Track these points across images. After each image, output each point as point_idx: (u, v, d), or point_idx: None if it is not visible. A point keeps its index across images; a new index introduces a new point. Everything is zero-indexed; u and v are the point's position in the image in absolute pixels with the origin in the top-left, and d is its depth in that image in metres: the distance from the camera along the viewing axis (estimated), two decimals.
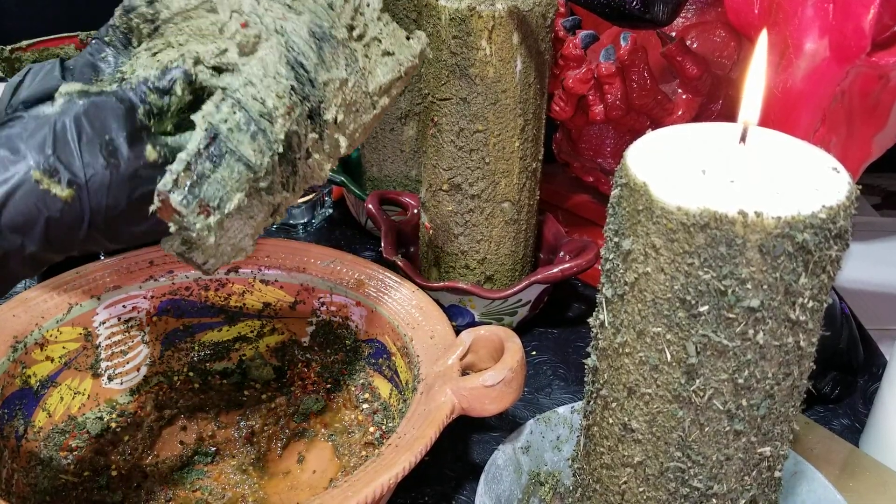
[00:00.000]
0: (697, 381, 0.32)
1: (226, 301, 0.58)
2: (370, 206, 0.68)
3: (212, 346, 0.58)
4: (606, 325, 0.35)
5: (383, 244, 0.64)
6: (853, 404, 0.59)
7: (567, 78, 0.62)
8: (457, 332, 0.50)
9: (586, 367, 0.39)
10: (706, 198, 0.30)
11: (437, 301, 0.56)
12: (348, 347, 0.57)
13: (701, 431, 0.33)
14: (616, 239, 0.34)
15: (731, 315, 0.31)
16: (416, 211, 0.68)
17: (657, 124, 0.64)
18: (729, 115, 0.65)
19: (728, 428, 0.33)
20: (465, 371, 0.48)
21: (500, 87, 0.56)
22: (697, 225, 0.30)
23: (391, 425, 0.52)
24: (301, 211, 0.80)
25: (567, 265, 0.61)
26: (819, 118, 0.51)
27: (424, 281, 0.60)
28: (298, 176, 0.43)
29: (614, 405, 0.36)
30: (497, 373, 0.44)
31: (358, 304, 0.56)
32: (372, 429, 0.53)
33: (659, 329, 0.32)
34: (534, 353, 0.65)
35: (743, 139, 0.34)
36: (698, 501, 0.35)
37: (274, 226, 0.44)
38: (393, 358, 0.54)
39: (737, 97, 0.34)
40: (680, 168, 0.32)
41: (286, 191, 0.42)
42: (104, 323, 0.54)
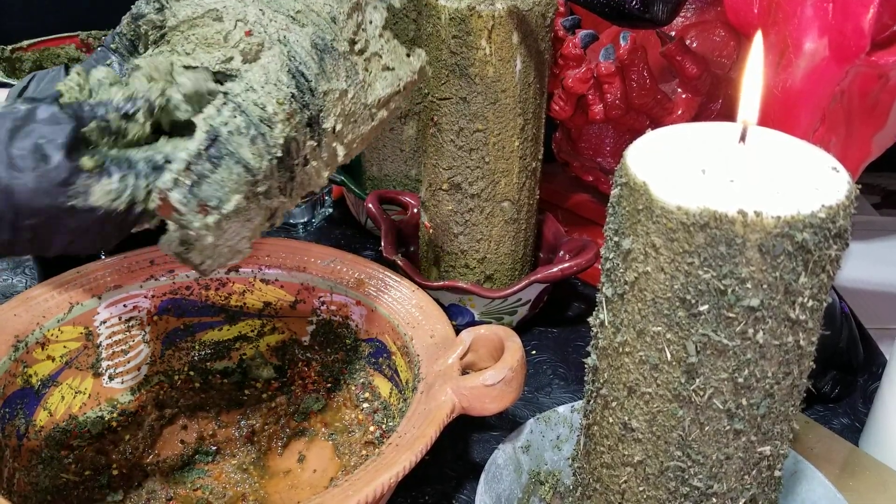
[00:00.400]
0: (697, 381, 0.32)
1: (226, 300, 0.58)
2: (370, 206, 0.68)
3: (212, 346, 0.58)
4: (606, 325, 0.36)
5: (383, 243, 0.64)
6: (853, 403, 0.59)
7: (567, 77, 0.62)
8: (457, 332, 0.50)
9: (586, 367, 0.39)
10: (706, 197, 0.30)
11: (437, 300, 0.56)
12: (348, 347, 0.57)
13: (701, 431, 0.34)
14: (616, 238, 0.34)
15: (731, 314, 0.31)
16: (416, 210, 0.68)
17: (657, 124, 0.64)
18: (728, 115, 0.65)
19: (728, 427, 0.33)
20: (466, 370, 0.48)
21: (500, 87, 0.56)
22: (697, 224, 0.30)
23: (391, 424, 0.53)
24: (301, 210, 0.80)
25: (567, 264, 0.61)
26: (818, 118, 0.51)
27: (424, 280, 0.60)
28: (296, 182, 0.43)
29: (614, 404, 0.36)
30: (497, 372, 0.44)
31: (358, 304, 0.56)
32: (372, 428, 0.53)
33: (659, 328, 0.32)
34: (534, 353, 0.65)
35: (742, 139, 0.34)
36: (698, 500, 0.35)
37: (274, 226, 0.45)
38: (393, 357, 0.54)
39: (736, 97, 0.34)
40: (680, 167, 0.32)
41: (283, 196, 0.43)
42: (105, 322, 0.54)
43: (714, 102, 0.66)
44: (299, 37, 0.42)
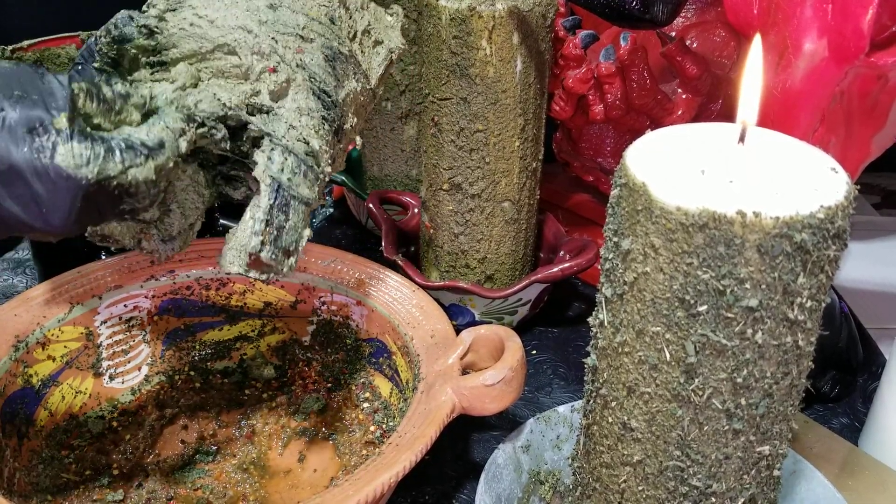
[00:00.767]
0: (696, 381, 0.33)
1: (227, 300, 0.58)
2: (371, 206, 0.68)
3: (213, 346, 0.59)
4: (606, 325, 0.36)
5: (384, 243, 0.64)
6: (852, 403, 0.59)
7: (567, 78, 0.62)
8: (457, 332, 0.50)
9: (586, 367, 0.39)
10: (705, 198, 0.30)
11: (438, 300, 0.56)
12: (349, 347, 0.57)
13: (700, 430, 0.34)
14: (615, 239, 0.34)
15: (730, 314, 0.31)
16: (417, 210, 0.68)
17: (657, 124, 0.64)
18: (728, 115, 0.65)
19: (727, 427, 0.33)
20: (466, 370, 0.48)
21: (501, 87, 0.56)
22: (696, 225, 0.30)
23: (392, 424, 0.53)
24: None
25: (567, 264, 0.61)
26: (818, 118, 0.51)
27: (425, 280, 0.60)
28: (323, 181, 0.46)
29: (614, 404, 0.36)
30: (497, 372, 0.44)
31: (358, 304, 0.56)
32: (372, 428, 0.54)
33: (658, 328, 0.33)
34: (534, 352, 0.65)
35: (742, 139, 0.34)
36: (697, 500, 0.35)
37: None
38: (393, 357, 0.54)
39: (736, 97, 0.34)
40: (679, 168, 0.32)
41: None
42: (105, 322, 0.54)
43: (714, 103, 0.66)
44: (313, 56, 0.44)
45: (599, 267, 0.36)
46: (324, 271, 0.57)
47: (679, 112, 0.64)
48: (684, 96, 0.64)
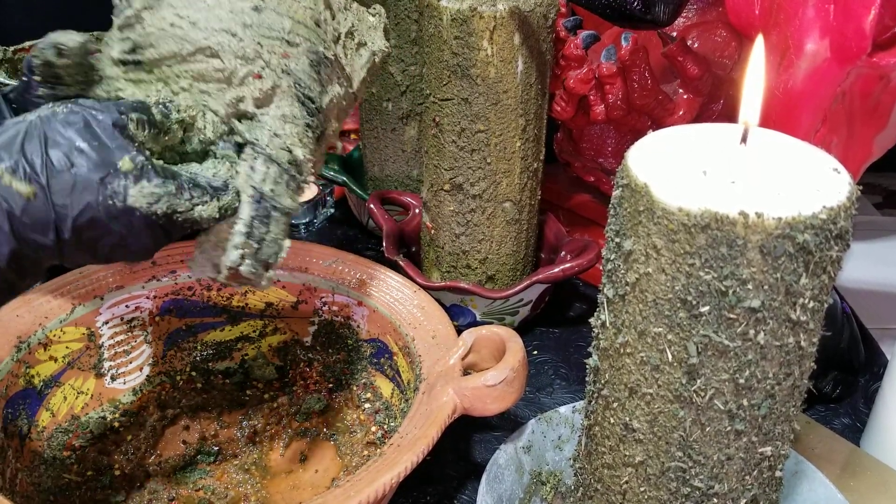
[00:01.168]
0: (698, 381, 0.32)
1: (228, 301, 0.58)
2: (372, 206, 0.68)
3: (214, 346, 0.59)
4: (608, 326, 0.36)
5: (385, 244, 0.64)
6: (854, 404, 0.59)
7: (568, 78, 0.62)
8: (458, 332, 0.50)
9: (587, 367, 0.39)
10: (707, 198, 0.30)
11: (439, 301, 0.56)
12: (350, 347, 0.57)
13: (702, 431, 0.34)
14: (617, 239, 0.34)
15: (732, 315, 0.31)
16: (418, 211, 0.68)
17: (658, 124, 0.64)
18: (730, 116, 0.65)
19: (729, 428, 0.33)
20: (467, 371, 0.48)
21: (502, 88, 0.56)
22: (698, 226, 0.30)
23: (393, 425, 0.53)
24: (303, 211, 0.81)
25: (568, 265, 0.61)
26: (820, 119, 0.51)
27: (426, 281, 0.60)
28: (304, 189, 0.45)
29: (615, 405, 0.36)
30: (499, 372, 0.44)
31: (360, 304, 0.56)
32: (374, 428, 0.54)
33: (660, 329, 0.33)
34: (535, 353, 0.65)
35: (744, 140, 0.34)
36: (699, 501, 0.35)
37: None
38: (395, 357, 0.54)
39: (738, 97, 0.34)
40: (681, 169, 0.32)
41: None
42: (107, 323, 0.54)
43: (715, 103, 0.66)
44: (299, 61, 0.42)
45: (601, 267, 0.36)
46: (325, 272, 0.57)
47: (680, 112, 0.64)
48: (686, 97, 0.64)
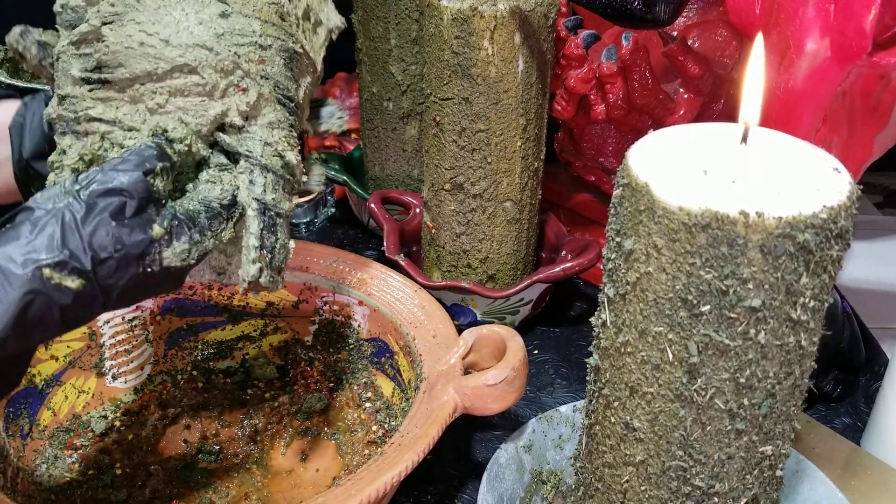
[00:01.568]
0: (699, 381, 0.33)
1: (229, 300, 0.58)
2: (372, 206, 0.68)
3: (215, 345, 0.59)
4: (608, 325, 0.36)
5: (386, 243, 0.64)
6: (855, 403, 0.59)
7: (569, 77, 0.62)
8: (459, 332, 0.50)
9: (588, 367, 0.39)
10: (708, 198, 0.30)
11: (440, 300, 0.56)
12: (351, 346, 0.57)
13: (703, 430, 0.34)
14: (618, 239, 0.34)
15: (733, 315, 0.31)
16: (419, 210, 0.68)
17: (659, 124, 0.64)
18: (731, 115, 0.65)
19: (730, 427, 0.33)
20: (468, 370, 0.48)
21: (502, 87, 0.56)
22: (699, 225, 0.30)
23: (394, 424, 0.53)
24: (304, 210, 0.81)
25: (569, 264, 0.61)
26: (820, 118, 0.51)
27: (427, 280, 0.60)
28: (297, 189, 0.46)
29: (616, 404, 0.36)
30: (499, 372, 0.44)
31: (360, 304, 0.56)
32: (375, 427, 0.54)
33: (661, 328, 0.33)
34: (536, 352, 0.65)
35: (744, 139, 0.34)
36: (700, 500, 0.35)
37: None
38: (395, 357, 0.54)
39: (738, 97, 0.34)
40: (681, 168, 0.32)
41: None
42: (108, 322, 0.54)
43: (716, 102, 0.66)
44: (274, 63, 0.43)
45: (601, 267, 0.36)
46: (326, 271, 0.57)
47: (681, 112, 0.64)
48: (686, 96, 0.64)
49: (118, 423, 0.54)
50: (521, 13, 0.54)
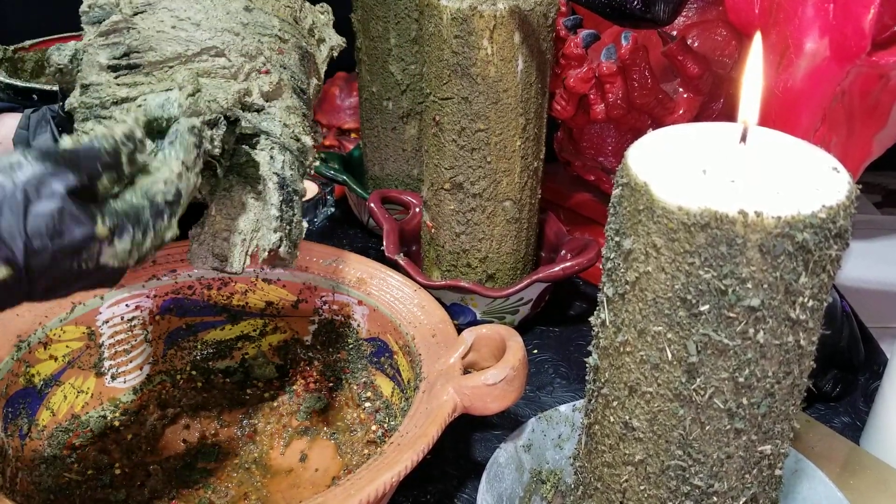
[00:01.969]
0: (698, 380, 0.33)
1: (228, 300, 0.58)
2: (372, 205, 0.68)
3: (214, 345, 0.59)
4: (608, 324, 0.36)
5: (385, 243, 0.64)
6: (854, 402, 0.59)
7: (568, 77, 0.62)
8: (458, 331, 0.50)
9: (587, 366, 0.39)
10: (707, 197, 0.30)
11: (439, 299, 0.56)
12: (350, 346, 0.57)
13: (702, 430, 0.34)
14: (617, 238, 0.34)
15: (732, 314, 0.31)
16: (418, 210, 0.68)
17: (658, 123, 0.64)
18: (730, 115, 0.65)
19: (729, 426, 0.33)
20: (467, 370, 0.48)
21: (502, 87, 0.56)
22: (698, 224, 0.30)
23: (393, 424, 0.53)
24: (303, 210, 0.80)
25: (568, 264, 0.61)
26: (819, 118, 0.51)
27: (426, 279, 0.60)
28: (308, 174, 0.48)
29: (615, 404, 0.36)
30: (499, 371, 0.44)
31: (360, 303, 0.56)
32: (374, 427, 0.54)
33: (660, 328, 0.33)
34: (535, 352, 0.65)
35: (743, 139, 0.34)
36: (699, 499, 0.35)
37: None
38: (395, 356, 0.54)
39: (738, 96, 0.34)
40: (681, 168, 0.32)
41: None
42: (107, 322, 0.54)
43: (715, 102, 0.66)
44: (291, 56, 0.45)
45: (601, 266, 0.36)
46: (325, 271, 0.57)
47: (680, 111, 0.64)
48: (685, 95, 0.64)
49: (117, 423, 0.54)
50: (521, 12, 0.54)
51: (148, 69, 0.42)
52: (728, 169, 0.32)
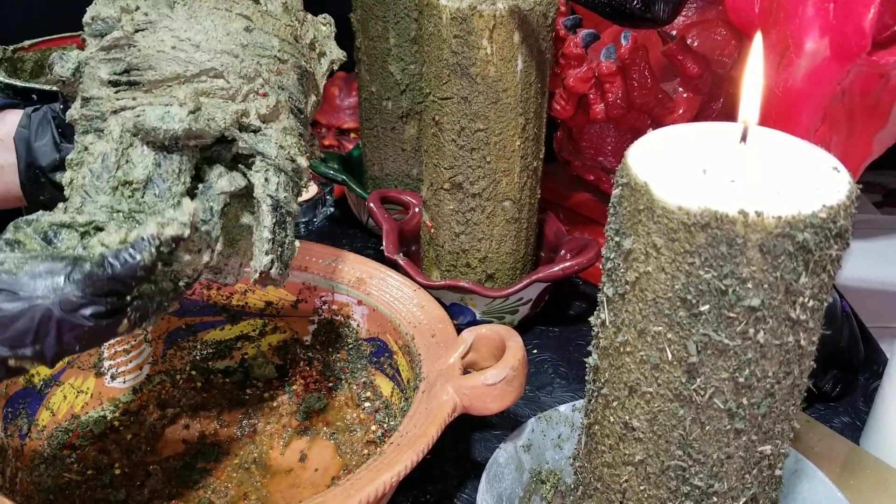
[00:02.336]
0: (698, 380, 0.32)
1: (228, 300, 0.58)
2: (372, 205, 0.68)
3: (214, 345, 0.59)
4: (607, 324, 0.36)
5: (385, 243, 0.64)
6: (854, 402, 0.59)
7: (568, 77, 0.62)
8: (458, 331, 0.50)
9: (587, 366, 0.39)
10: (707, 197, 0.30)
11: (439, 299, 0.56)
12: (350, 346, 0.57)
13: (702, 430, 0.34)
14: (617, 238, 0.34)
15: (732, 314, 0.31)
16: (418, 210, 0.68)
17: (658, 123, 0.64)
18: (730, 114, 0.65)
19: (729, 426, 0.33)
20: (467, 369, 0.48)
21: (501, 86, 0.56)
22: (698, 224, 0.30)
23: (393, 424, 0.53)
24: (303, 210, 0.81)
25: (568, 263, 0.61)
26: (820, 117, 0.51)
27: (426, 279, 0.60)
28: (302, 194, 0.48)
29: (615, 404, 0.36)
30: (498, 371, 0.44)
31: (359, 303, 0.56)
32: (374, 427, 0.54)
33: (660, 328, 0.33)
34: (535, 352, 0.65)
35: (743, 139, 0.34)
36: (699, 500, 0.35)
37: None
38: (395, 356, 0.54)
39: (738, 96, 0.34)
40: (681, 168, 0.32)
41: None
42: None
43: (715, 102, 0.66)
44: (289, 77, 0.45)
45: (601, 266, 0.36)
46: (325, 271, 0.57)
47: (680, 111, 0.64)
48: (685, 95, 0.64)
49: (117, 423, 0.54)
50: (520, 12, 0.54)
51: (147, 87, 0.42)
52: (728, 169, 0.32)
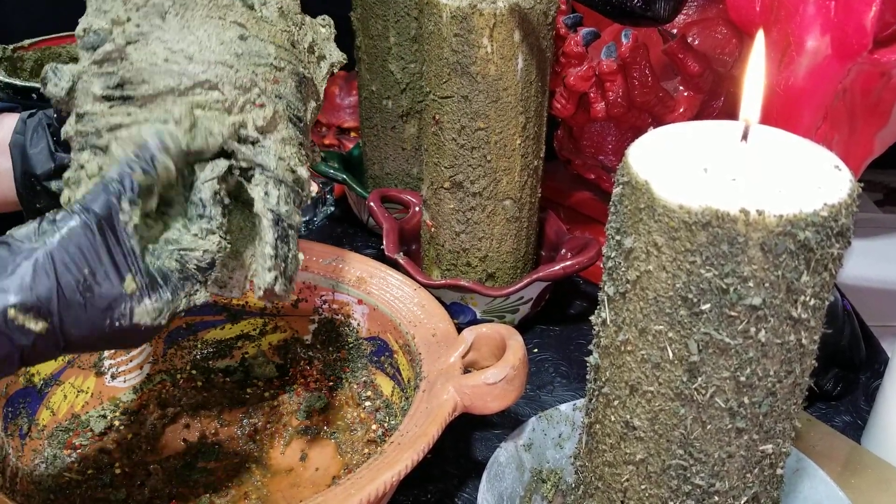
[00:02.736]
0: (699, 379, 0.32)
1: (228, 299, 0.58)
2: (372, 204, 0.68)
3: (214, 344, 0.59)
4: (608, 323, 0.36)
5: (385, 242, 0.64)
6: (855, 401, 0.59)
7: (568, 75, 0.62)
8: (459, 330, 0.50)
9: (588, 365, 0.39)
10: (708, 196, 0.30)
11: (439, 299, 0.56)
12: (350, 345, 0.57)
13: (703, 429, 0.34)
14: (618, 237, 0.34)
15: (733, 313, 0.31)
16: (418, 209, 0.68)
17: (659, 122, 0.64)
18: (731, 113, 0.65)
19: (730, 425, 0.33)
20: (468, 369, 0.48)
21: (502, 85, 0.56)
22: (699, 223, 0.30)
23: (393, 423, 0.53)
24: (303, 209, 0.80)
25: (569, 262, 0.61)
26: (821, 116, 0.51)
27: (426, 279, 0.60)
28: (305, 204, 0.47)
29: (616, 403, 0.36)
30: (499, 370, 0.44)
31: (360, 302, 0.56)
32: (374, 426, 0.54)
33: (661, 327, 0.32)
34: (535, 351, 0.65)
35: (745, 137, 0.34)
36: (700, 499, 0.35)
37: None
38: (395, 356, 0.54)
39: (739, 94, 0.34)
40: (682, 166, 0.32)
41: None
42: None
43: (716, 100, 0.66)
44: (287, 84, 0.44)
45: (601, 265, 0.36)
46: (325, 270, 0.57)
47: (681, 110, 0.64)
48: (686, 94, 0.64)
49: (117, 423, 0.54)
50: (521, 11, 0.54)
51: (141, 101, 0.41)
52: (729, 167, 0.32)
